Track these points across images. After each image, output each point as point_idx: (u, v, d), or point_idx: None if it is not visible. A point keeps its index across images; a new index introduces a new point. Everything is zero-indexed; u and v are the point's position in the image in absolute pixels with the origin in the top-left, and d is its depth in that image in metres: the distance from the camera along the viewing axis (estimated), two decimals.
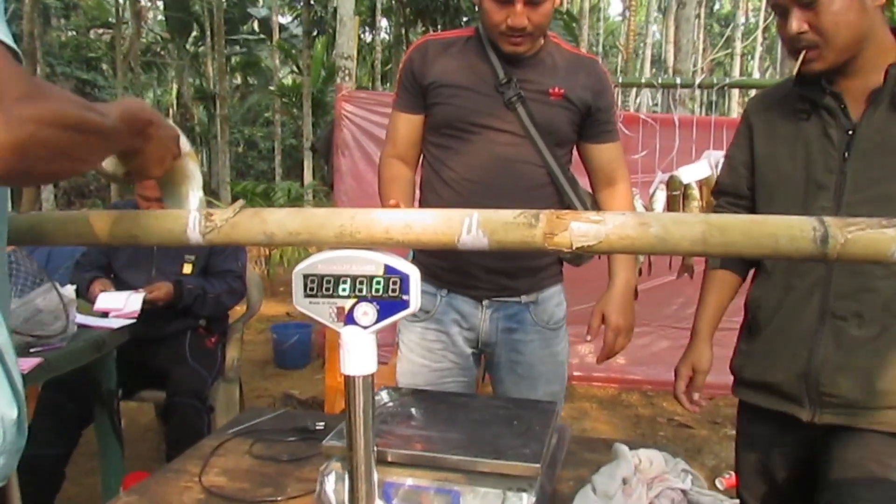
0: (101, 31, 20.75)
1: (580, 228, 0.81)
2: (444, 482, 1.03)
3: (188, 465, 1.36)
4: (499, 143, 1.61)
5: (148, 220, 0.99)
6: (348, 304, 0.90)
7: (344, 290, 0.90)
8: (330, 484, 1.08)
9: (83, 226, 1.01)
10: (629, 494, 1.02)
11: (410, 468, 1.06)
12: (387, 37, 19.52)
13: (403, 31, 15.39)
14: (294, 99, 17.35)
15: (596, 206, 1.75)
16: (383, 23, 18.88)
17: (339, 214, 0.91)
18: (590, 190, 1.79)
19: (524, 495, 1.00)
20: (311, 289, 0.91)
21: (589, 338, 1.64)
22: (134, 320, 2.48)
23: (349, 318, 0.90)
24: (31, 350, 2.04)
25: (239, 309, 3.12)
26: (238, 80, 25.14)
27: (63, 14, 18.04)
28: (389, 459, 1.06)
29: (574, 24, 15.96)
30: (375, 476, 0.96)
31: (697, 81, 3.10)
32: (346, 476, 0.96)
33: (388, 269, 0.89)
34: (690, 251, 0.78)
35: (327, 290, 0.91)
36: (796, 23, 1.25)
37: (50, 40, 15.88)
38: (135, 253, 2.79)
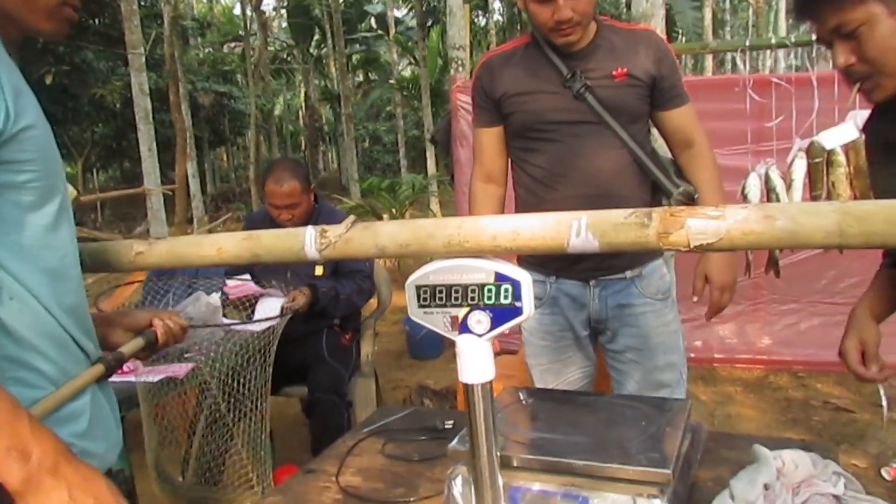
0: (233, 44, 22.14)
1: (697, 226, 0.76)
2: (571, 487, 1.01)
3: (326, 465, 1.43)
4: (578, 135, 1.70)
5: (269, 240, 1.05)
6: (461, 312, 0.90)
7: (456, 299, 0.90)
8: (457, 487, 1.09)
9: (211, 248, 1.08)
10: (771, 501, 0.95)
11: (536, 473, 1.04)
12: (500, 18, 19.38)
13: (516, 12, 15.17)
14: (414, 91, 17.66)
15: (679, 171, 1.81)
16: (496, 4, 18.77)
17: (447, 224, 0.91)
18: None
19: (656, 501, 0.96)
20: (425, 299, 0.92)
21: (695, 298, 1.72)
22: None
23: (463, 327, 0.90)
24: (186, 356, 2.21)
25: (371, 304, 3.22)
26: (360, 77, 25.96)
27: (199, 33, 19.38)
28: (515, 464, 1.05)
29: None
30: (500, 481, 0.96)
31: None
32: (472, 480, 0.97)
33: (499, 277, 0.88)
34: (825, 244, 0.70)
35: (440, 300, 0.91)
36: (842, 56, 1.15)
37: (189, 59, 17.11)
38: None
